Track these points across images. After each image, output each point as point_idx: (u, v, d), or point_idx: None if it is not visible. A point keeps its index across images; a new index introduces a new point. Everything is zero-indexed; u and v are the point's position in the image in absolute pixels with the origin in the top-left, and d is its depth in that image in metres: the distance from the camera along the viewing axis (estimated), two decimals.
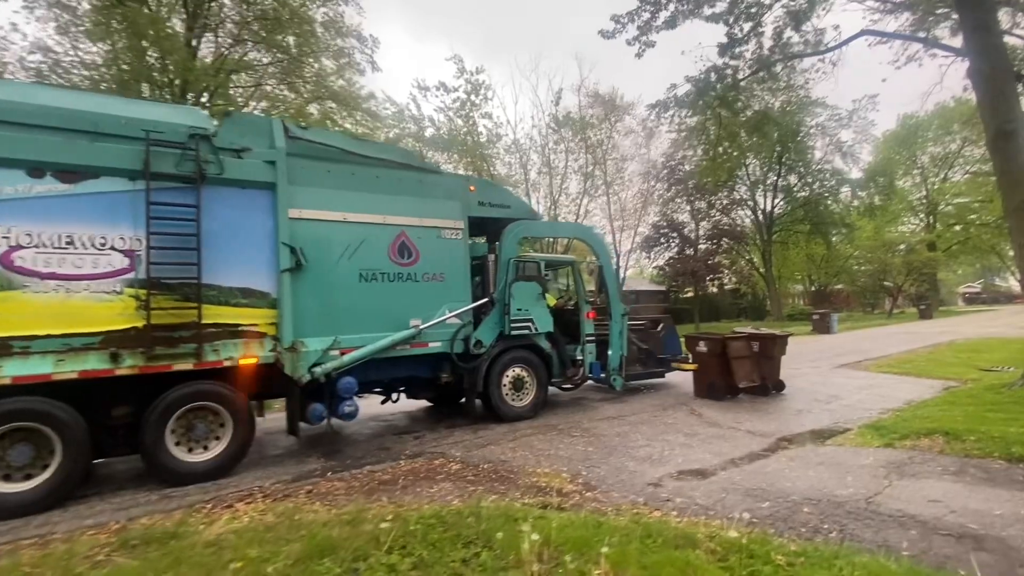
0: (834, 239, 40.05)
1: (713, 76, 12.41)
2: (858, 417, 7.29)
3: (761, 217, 37.90)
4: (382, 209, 6.88)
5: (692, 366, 9.31)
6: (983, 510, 3.83)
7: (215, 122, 6.33)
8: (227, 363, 5.72)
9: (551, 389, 8.89)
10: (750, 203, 38.39)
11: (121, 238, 5.34)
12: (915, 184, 46.52)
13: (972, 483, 4.43)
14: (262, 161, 6.04)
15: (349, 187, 6.66)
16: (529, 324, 8.06)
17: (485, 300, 7.90)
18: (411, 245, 7.13)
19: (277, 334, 5.99)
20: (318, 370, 6.08)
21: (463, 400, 8.05)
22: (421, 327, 6.98)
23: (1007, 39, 13.56)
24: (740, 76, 13.69)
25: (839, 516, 3.89)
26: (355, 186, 6.71)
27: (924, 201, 45.82)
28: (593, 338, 9.09)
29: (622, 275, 35.00)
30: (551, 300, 9.20)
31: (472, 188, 7.97)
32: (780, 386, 9.21)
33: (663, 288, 34.29)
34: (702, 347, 8.82)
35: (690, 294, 37.82)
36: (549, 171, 30.17)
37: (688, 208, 34.50)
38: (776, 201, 37.53)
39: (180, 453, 5.54)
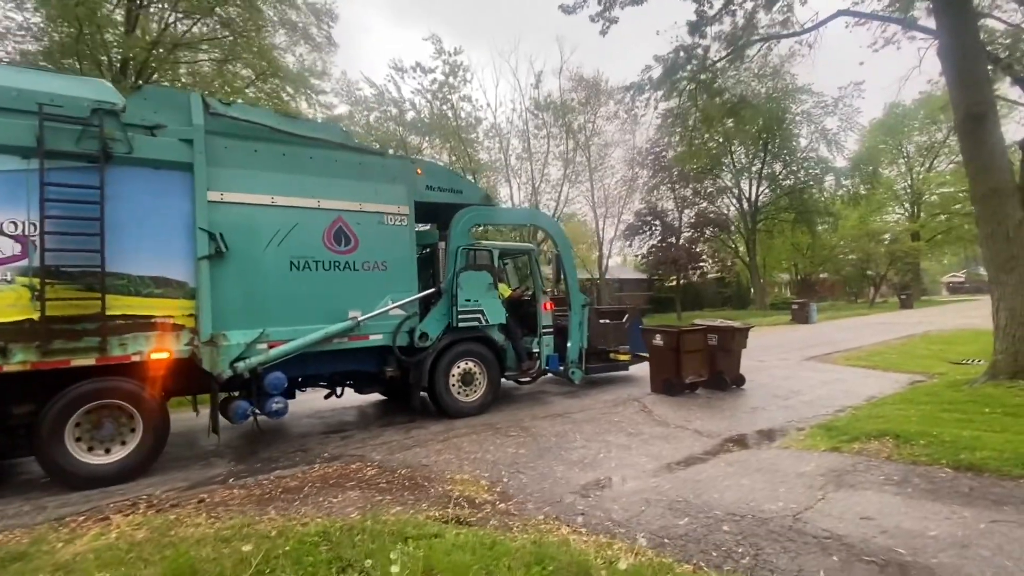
0: (819, 228, 39.91)
1: (683, 56, 11.87)
2: (813, 415, 6.93)
3: (746, 205, 37.57)
4: (317, 192, 6.41)
5: (626, 356, 9.01)
6: (917, 531, 3.44)
7: (124, 97, 5.78)
8: (136, 358, 5.28)
9: (509, 383, 8.49)
10: (735, 191, 38.03)
11: (12, 223, 4.86)
12: (900, 173, 46.36)
13: (913, 496, 4.05)
14: (177, 139, 5.57)
15: (279, 168, 6.19)
16: (479, 316, 7.65)
17: (432, 291, 7.47)
18: (349, 231, 6.68)
19: (196, 326, 5.52)
20: (241, 365, 5.69)
21: (431, 393, 7.59)
22: (360, 319, 6.56)
23: (988, 22, 13.17)
24: (715, 57, 13.20)
25: (759, 537, 3.49)
26: (286, 167, 6.24)
27: (909, 190, 45.69)
28: (551, 330, 8.69)
29: (605, 263, 34.64)
30: (505, 291, 8.77)
31: (419, 171, 7.50)
32: (740, 380, 8.85)
33: (648, 277, 33.84)
34: (657, 340, 8.42)
35: (673, 283, 37.61)
36: (529, 157, 29.56)
37: (672, 196, 34.04)
38: (761, 189, 37.19)
39: (83, 455, 5.10)
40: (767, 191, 37.51)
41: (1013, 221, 6.90)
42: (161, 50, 10.50)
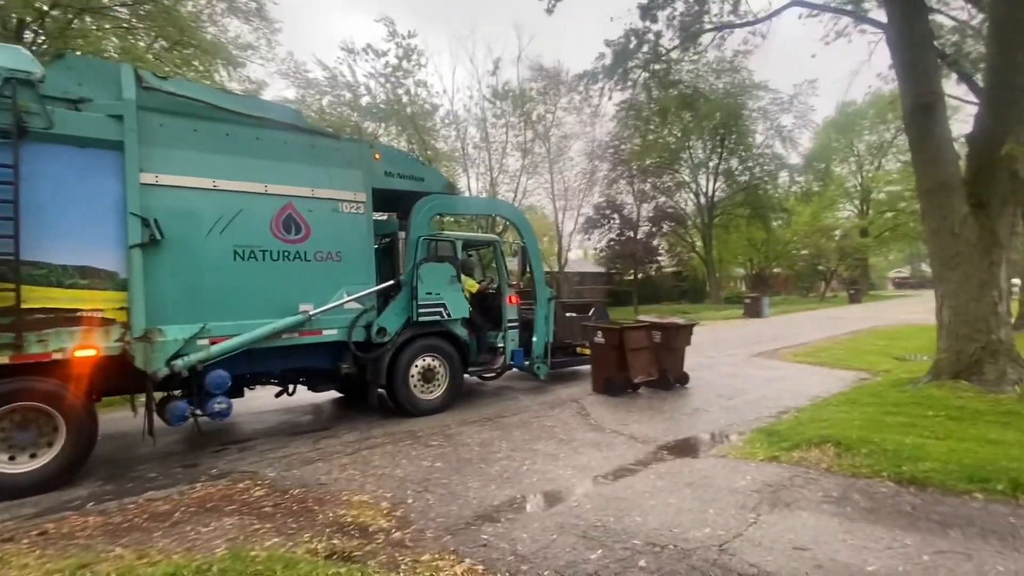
0: (774, 224, 40.64)
1: (634, 41, 11.40)
2: (755, 418, 6.58)
3: (703, 200, 37.87)
4: (264, 176, 5.91)
5: (585, 351, 8.64)
6: (855, 566, 3.01)
7: (44, 66, 4.99)
8: (57, 356, 4.71)
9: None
10: (692, 186, 38.27)
11: None
12: (851, 171, 47.66)
13: (852, 518, 3.64)
14: (105, 115, 5.04)
15: (222, 150, 5.70)
16: (441, 309, 7.18)
17: (391, 283, 6.92)
18: (300, 219, 6.13)
19: (127, 321, 5.03)
20: (179, 363, 5.25)
21: (391, 392, 7.06)
22: (311, 313, 6.02)
23: (937, 18, 13.18)
24: (668, 46, 12.80)
25: (678, 575, 3.00)
26: (230, 149, 5.74)
27: (859, 188, 47.03)
28: (516, 324, 8.23)
29: (565, 256, 34.34)
30: (471, 283, 8.21)
31: (377, 156, 6.92)
32: (684, 379, 8.48)
33: (606, 270, 33.76)
34: (599, 338, 7.94)
35: (631, 277, 37.70)
36: (487, 146, 28.84)
37: (630, 189, 33.95)
38: (717, 185, 37.54)
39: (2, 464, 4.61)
40: (723, 186, 37.89)
41: (958, 216, 6.68)
42: (58, 11, 9.31)
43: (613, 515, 3.86)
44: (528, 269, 8.51)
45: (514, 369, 8.47)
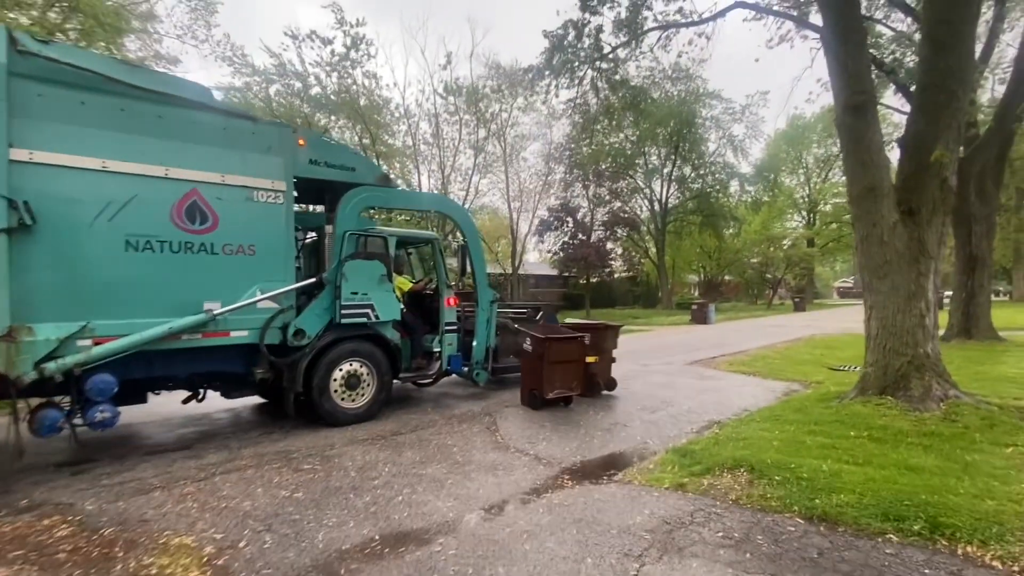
0: (726, 232, 41.24)
1: (572, 33, 10.90)
2: (675, 434, 6.08)
3: (657, 207, 38.03)
4: (165, 159, 5.29)
5: None
6: None
7: None
8: None
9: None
10: (647, 191, 38.37)
11: None
12: (799, 183, 48.98)
13: (749, 569, 3.09)
14: None
15: (115, 127, 5.04)
16: (368, 311, 6.54)
17: (311, 281, 6.27)
18: (206, 207, 5.50)
19: None
20: (51, 366, 4.61)
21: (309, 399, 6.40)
22: (215, 312, 5.38)
23: (878, 27, 13.20)
24: (612, 42, 12.38)
25: None
26: (124, 126, 5.09)
27: (807, 199, 48.35)
28: (455, 327, 7.67)
29: (519, 258, 33.79)
30: (404, 283, 7.47)
31: (302, 142, 6.24)
32: (611, 384, 7.97)
33: (559, 273, 33.34)
34: (527, 346, 7.26)
35: (590, 280, 37.48)
36: (438, 143, 28.01)
37: (585, 193, 33.71)
38: (671, 191, 37.76)
39: None
40: (676, 193, 38.17)
41: (888, 224, 6.36)
42: None
43: (475, 565, 3.21)
44: (470, 269, 7.86)
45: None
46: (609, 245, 37.10)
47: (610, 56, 13.26)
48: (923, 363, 6.11)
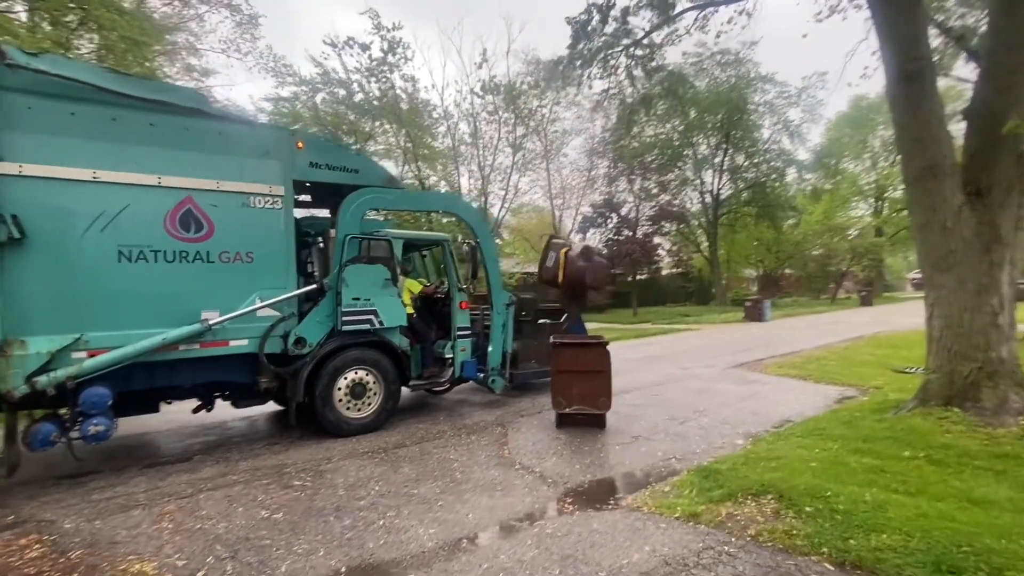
0: (787, 223, 39.03)
1: (596, 16, 10.30)
2: (702, 450, 5.48)
3: (708, 199, 36.42)
4: (158, 167, 5.22)
5: None
6: None
7: None
8: None
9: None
10: (697, 183, 36.81)
11: None
12: (865, 168, 45.75)
13: None
14: None
15: (106, 137, 5.01)
16: (371, 317, 6.30)
17: (313, 287, 6.10)
18: (201, 215, 5.42)
19: None
20: (43, 379, 4.57)
21: (312, 409, 6.23)
22: (212, 321, 5.28)
23: None
24: (643, 26, 11.70)
25: None
26: (115, 136, 5.05)
27: (873, 185, 45.12)
28: (468, 332, 7.36)
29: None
30: (414, 287, 7.26)
31: (300, 145, 6.10)
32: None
33: (612, 272, 32.57)
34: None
35: (637, 277, 36.30)
36: (475, 142, 27.82)
37: (629, 187, 32.68)
38: (723, 182, 36.06)
39: None
40: (729, 184, 36.42)
41: (951, 208, 5.50)
42: None
43: None
44: (482, 271, 7.50)
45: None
46: (657, 240, 35.91)
47: (644, 41, 12.60)
48: (997, 369, 5.23)
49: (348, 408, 6.26)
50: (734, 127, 33.09)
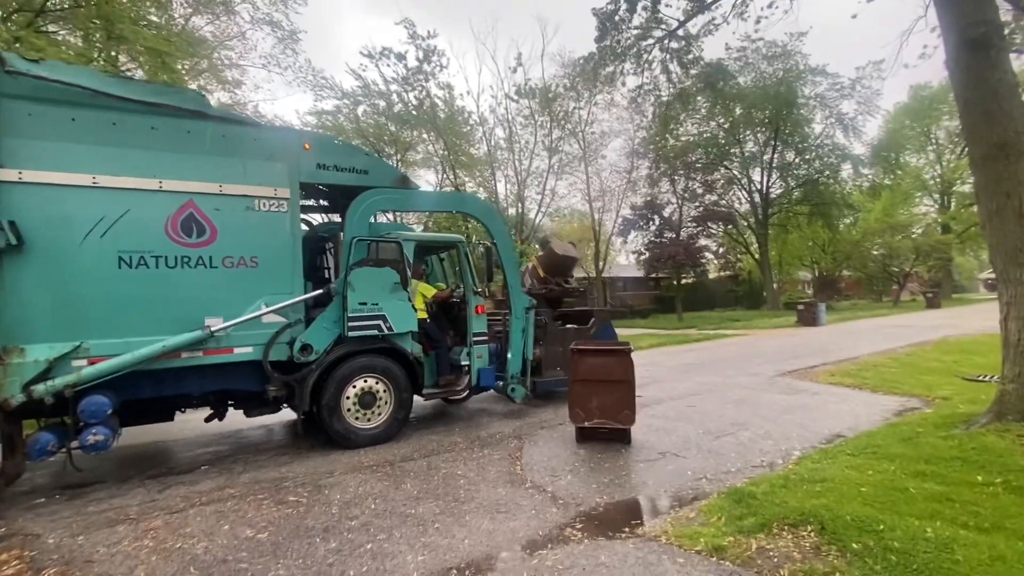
0: (842, 222, 36.99)
1: (624, 5, 9.81)
2: (736, 469, 4.90)
3: (757, 198, 34.88)
4: (159, 171, 5.14)
5: None
6: None
7: None
8: None
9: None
10: (744, 182, 35.34)
11: None
12: (928, 161, 42.82)
13: None
14: None
15: (106, 141, 4.94)
16: (379, 322, 6.06)
17: (319, 292, 5.90)
18: (204, 219, 5.33)
19: None
20: (41, 388, 4.50)
21: (319, 419, 6.08)
22: (214, 328, 5.15)
23: None
24: (675, 17, 11.13)
25: None
26: (116, 140, 4.98)
27: (938, 180, 42.16)
28: (485, 338, 7.08)
29: (603, 261, 32.46)
30: (427, 291, 7.04)
31: (307, 146, 5.97)
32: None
33: (645, 275, 31.49)
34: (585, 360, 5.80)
35: (682, 280, 35.15)
36: (510, 147, 27.60)
37: (672, 188, 31.67)
38: (772, 180, 34.45)
39: None
40: (779, 182, 34.78)
41: None
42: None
43: None
44: (498, 273, 7.18)
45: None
46: (703, 242, 34.65)
47: (679, 32, 12.02)
48: None
49: (357, 418, 6.01)
50: (783, 122, 31.57)
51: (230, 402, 6.09)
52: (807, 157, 33.22)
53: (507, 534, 3.77)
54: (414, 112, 26.64)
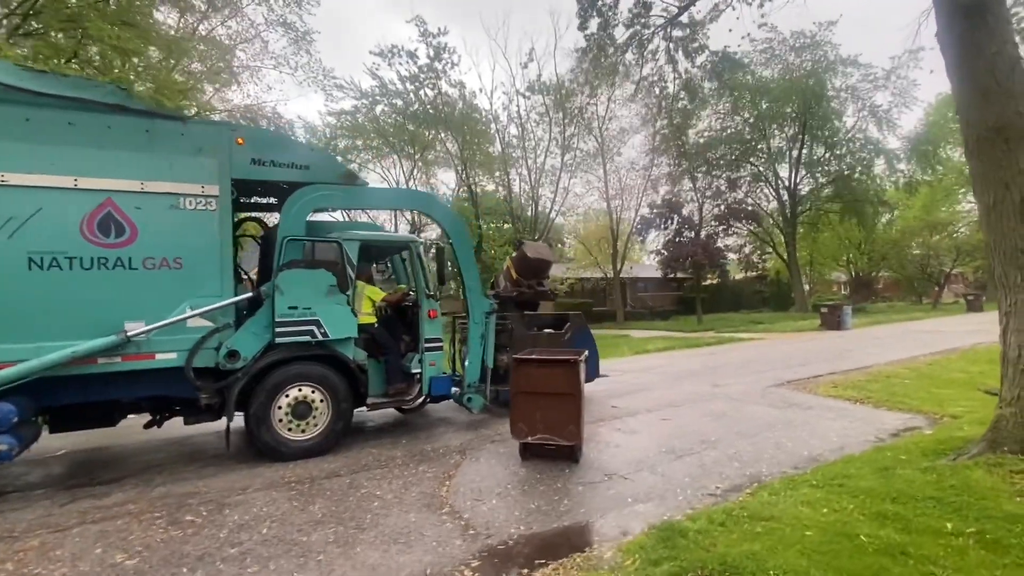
0: (880, 220, 35.18)
1: None
2: (684, 499, 4.34)
3: (785, 195, 33.42)
4: (75, 168, 4.89)
5: None
6: None
7: None
8: None
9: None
10: (770, 179, 33.91)
11: None
12: None
13: None
14: None
15: (17, 137, 4.72)
16: (312, 328, 5.69)
17: (248, 295, 5.62)
18: (123, 218, 5.07)
19: None
20: None
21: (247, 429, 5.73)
22: (130, 333, 4.90)
23: None
24: (670, 2, 10.48)
25: None
26: (28, 136, 4.76)
27: None
28: (439, 344, 6.65)
29: (621, 261, 31.63)
30: (375, 294, 6.67)
31: (240, 141, 5.65)
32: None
33: (663, 275, 30.46)
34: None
35: (708, 281, 34.00)
36: (522, 144, 27.09)
37: (693, 186, 30.62)
38: (800, 176, 32.93)
39: None
40: (808, 178, 33.24)
41: None
42: None
43: None
44: (449, 275, 6.75)
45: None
46: (729, 241, 33.46)
47: (683, 20, 11.35)
48: None
49: (291, 429, 5.64)
50: (811, 116, 30.11)
51: (177, 408, 5.83)
52: (838, 152, 31.61)
53: (390, 572, 3.33)
54: (431, 111, 26.42)
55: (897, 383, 8.82)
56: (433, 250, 6.76)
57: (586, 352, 5.81)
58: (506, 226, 29.57)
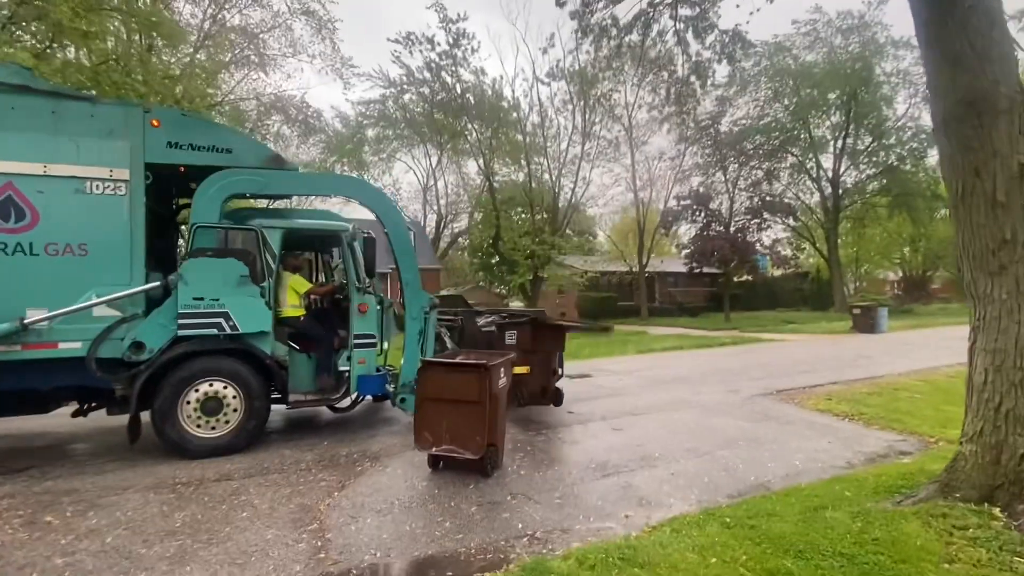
0: (935, 215, 32.66)
1: None
2: (581, 529, 3.81)
3: (828, 188, 31.44)
4: None
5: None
6: None
7: None
8: None
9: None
10: (811, 170, 31.97)
11: None
12: None
13: None
14: None
15: None
16: (220, 320, 5.41)
17: (156, 284, 5.33)
18: (24, 202, 4.90)
19: None
20: None
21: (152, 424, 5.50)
22: (27, 321, 4.76)
23: None
24: None
25: None
26: None
27: None
28: (372, 341, 6.25)
29: (647, 255, 30.55)
30: (300, 285, 6.36)
31: (155, 123, 5.39)
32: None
33: (695, 270, 29.16)
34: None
35: (740, 278, 32.49)
36: (543, 132, 26.36)
37: (724, 177, 29.17)
38: (844, 168, 30.89)
39: None
40: (853, 170, 31.15)
41: (1007, 168, 3.25)
42: None
43: None
44: (375, 268, 6.32)
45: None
46: (764, 236, 31.78)
47: None
48: None
49: (200, 425, 5.38)
50: (858, 103, 28.10)
51: (81, 400, 5.71)
52: (886, 142, 29.43)
53: None
54: (457, 99, 26.07)
55: (903, 397, 7.89)
56: (359, 240, 6.31)
57: (512, 355, 5.29)
58: (524, 215, 29.05)
